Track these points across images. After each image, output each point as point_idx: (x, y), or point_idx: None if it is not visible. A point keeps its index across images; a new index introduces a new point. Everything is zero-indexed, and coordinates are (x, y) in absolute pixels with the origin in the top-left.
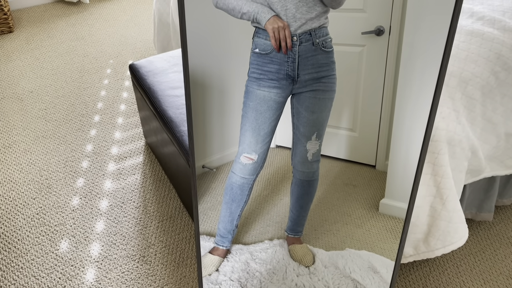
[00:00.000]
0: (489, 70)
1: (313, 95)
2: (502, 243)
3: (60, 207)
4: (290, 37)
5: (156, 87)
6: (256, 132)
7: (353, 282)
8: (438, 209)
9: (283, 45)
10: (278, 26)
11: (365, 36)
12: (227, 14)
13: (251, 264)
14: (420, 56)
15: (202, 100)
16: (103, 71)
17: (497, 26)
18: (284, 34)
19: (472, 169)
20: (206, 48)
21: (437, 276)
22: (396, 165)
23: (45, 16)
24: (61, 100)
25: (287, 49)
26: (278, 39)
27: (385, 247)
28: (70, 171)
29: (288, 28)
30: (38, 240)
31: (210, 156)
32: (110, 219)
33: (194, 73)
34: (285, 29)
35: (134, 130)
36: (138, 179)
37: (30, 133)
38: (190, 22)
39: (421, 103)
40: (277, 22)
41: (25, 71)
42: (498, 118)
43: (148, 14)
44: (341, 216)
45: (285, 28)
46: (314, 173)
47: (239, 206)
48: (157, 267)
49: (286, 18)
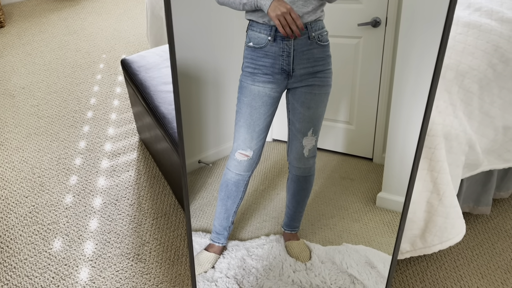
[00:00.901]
0: (487, 63)
1: (309, 90)
2: (500, 236)
3: (53, 205)
4: (299, 18)
5: (148, 83)
6: (251, 128)
7: (350, 278)
8: (435, 205)
9: (294, 29)
10: (282, 12)
11: (361, 27)
12: (220, 6)
13: (248, 261)
14: (417, 47)
15: (197, 94)
16: (96, 66)
17: (495, 17)
18: (291, 18)
19: (470, 163)
20: (201, 41)
21: (434, 271)
22: (393, 158)
23: (37, 10)
24: (53, 96)
25: (300, 31)
26: (287, 25)
27: (383, 241)
28: (63, 168)
29: (292, 10)
30: (31, 239)
31: (206, 150)
32: (104, 217)
33: (188, 67)
34: (290, 12)
35: (127, 126)
36: (132, 176)
37: (22, 130)
38: (184, 15)
39: (418, 95)
40: (279, 8)
41: (17, 67)
42: (496, 111)
43: (142, 7)
44: (338, 210)
45: (289, 11)
46: (311, 169)
47: (235, 202)
48: (152, 265)
49: None
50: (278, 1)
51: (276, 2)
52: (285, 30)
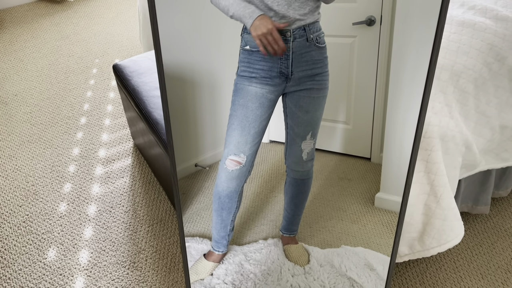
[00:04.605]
0: (482, 62)
1: (307, 94)
2: (500, 236)
3: (47, 214)
4: (280, 38)
5: (141, 88)
6: (245, 131)
7: (349, 281)
8: (433, 207)
9: (276, 48)
10: (262, 32)
11: (356, 26)
12: (215, 9)
13: (245, 266)
14: (412, 46)
15: (192, 97)
16: (89, 71)
17: (489, 15)
18: (273, 38)
19: (467, 163)
20: (195, 44)
21: (434, 272)
22: (391, 158)
23: (29, 15)
24: (46, 103)
25: (282, 51)
26: (268, 45)
27: (382, 242)
28: (56, 176)
29: (275, 30)
30: (25, 249)
31: (203, 154)
32: (99, 224)
33: (183, 70)
34: (272, 32)
35: (121, 131)
36: (127, 182)
37: (15, 137)
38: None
39: (414, 94)
40: (261, 27)
41: (9, 74)
42: (492, 110)
43: (134, 11)
44: (336, 212)
45: (271, 31)
46: (309, 172)
47: (230, 213)
48: (148, 273)
49: (278, 15)
50: (261, 19)
51: (259, 21)
52: (267, 49)
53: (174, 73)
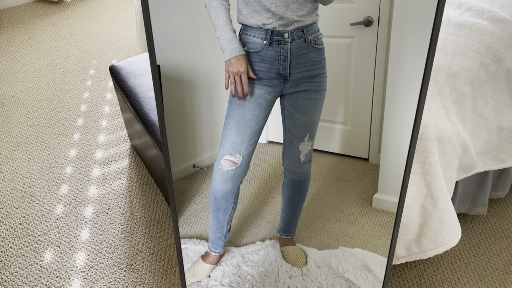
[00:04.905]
0: (479, 63)
1: (305, 95)
2: (497, 236)
3: (43, 216)
4: (247, 84)
5: (138, 89)
6: (242, 131)
7: (346, 282)
8: (430, 209)
9: (239, 90)
10: (233, 72)
11: (354, 27)
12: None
13: (243, 267)
14: (410, 46)
15: (190, 98)
16: (86, 72)
17: (486, 17)
18: (240, 80)
19: (464, 165)
20: (193, 44)
21: (431, 273)
22: (388, 159)
23: (26, 16)
24: (43, 104)
25: (243, 95)
26: (233, 83)
27: (379, 243)
28: (53, 177)
29: (245, 74)
30: (22, 251)
31: (201, 155)
32: (95, 226)
33: (180, 71)
34: (241, 75)
35: (118, 132)
36: (124, 183)
37: (11, 139)
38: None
39: (411, 94)
40: (234, 67)
41: (6, 75)
42: (489, 112)
43: (131, 11)
44: (334, 213)
45: (241, 74)
46: (306, 173)
47: (226, 214)
48: (145, 275)
49: (276, 16)
50: (238, 59)
51: (235, 60)
52: (230, 86)
53: (172, 74)
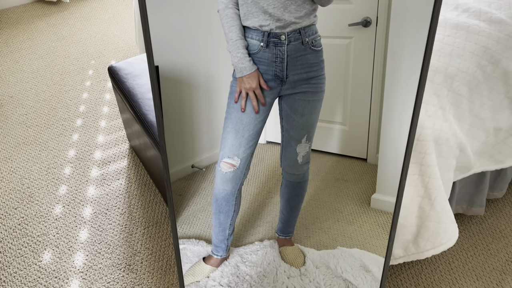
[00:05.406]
0: (476, 64)
1: (303, 97)
2: (495, 237)
3: (42, 217)
4: (262, 96)
5: (136, 90)
6: (239, 134)
7: (344, 282)
8: (427, 210)
9: (254, 104)
10: (246, 88)
11: (352, 28)
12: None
13: (241, 268)
14: (408, 47)
15: (189, 98)
16: (85, 73)
17: (483, 18)
18: (254, 95)
19: (461, 166)
20: (191, 46)
21: (429, 274)
22: (386, 159)
23: (25, 16)
24: (42, 105)
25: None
26: (245, 98)
27: (377, 243)
28: (52, 178)
29: (258, 88)
30: (21, 252)
31: (199, 155)
32: (94, 227)
33: (179, 72)
34: (255, 90)
35: (117, 133)
36: (123, 184)
37: (10, 140)
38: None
39: (409, 95)
40: (246, 83)
41: (5, 75)
42: (486, 113)
43: (130, 12)
44: (333, 213)
45: (253, 89)
46: (304, 175)
47: (228, 216)
48: (143, 276)
49: (273, 17)
50: (249, 77)
51: (246, 78)
52: (241, 101)
53: (170, 75)
